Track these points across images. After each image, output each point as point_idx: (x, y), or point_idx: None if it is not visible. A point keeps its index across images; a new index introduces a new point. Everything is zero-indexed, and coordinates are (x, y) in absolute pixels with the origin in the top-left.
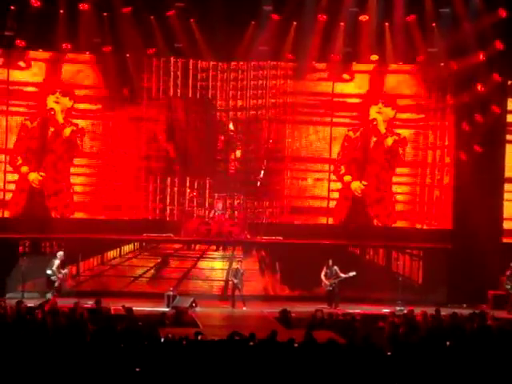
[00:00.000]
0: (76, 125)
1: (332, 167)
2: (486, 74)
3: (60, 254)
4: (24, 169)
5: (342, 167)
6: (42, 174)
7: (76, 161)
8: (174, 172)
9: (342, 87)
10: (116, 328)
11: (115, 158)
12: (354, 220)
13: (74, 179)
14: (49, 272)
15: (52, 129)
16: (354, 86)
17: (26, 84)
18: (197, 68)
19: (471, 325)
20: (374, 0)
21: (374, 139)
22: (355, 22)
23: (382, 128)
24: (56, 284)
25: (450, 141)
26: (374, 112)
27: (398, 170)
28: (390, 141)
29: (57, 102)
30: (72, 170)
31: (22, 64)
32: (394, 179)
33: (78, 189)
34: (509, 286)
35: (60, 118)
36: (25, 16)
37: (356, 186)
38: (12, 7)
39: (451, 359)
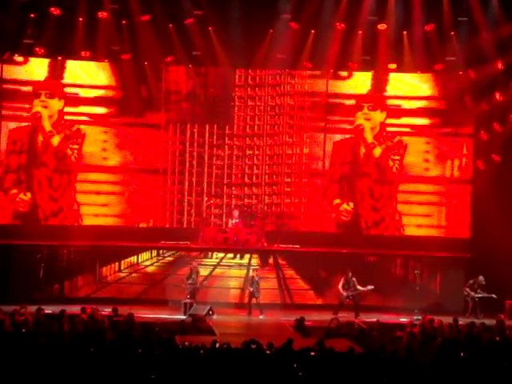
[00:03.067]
0: (69, 127)
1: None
2: (505, 82)
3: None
4: (13, 191)
5: (332, 188)
6: (29, 194)
7: (81, 176)
8: (194, 116)
9: (337, 86)
10: (133, 335)
11: (128, 170)
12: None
13: (81, 197)
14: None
15: (41, 138)
16: (352, 86)
17: (23, 82)
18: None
19: (489, 335)
20: (392, 9)
21: (363, 150)
22: (373, 31)
23: (369, 136)
24: (188, 291)
25: (468, 150)
26: (359, 117)
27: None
28: (378, 151)
29: (44, 106)
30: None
31: (18, 58)
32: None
33: (86, 209)
34: (466, 293)
35: (47, 124)
36: (44, 24)
37: (342, 209)
38: (32, 15)
39: (467, 370)
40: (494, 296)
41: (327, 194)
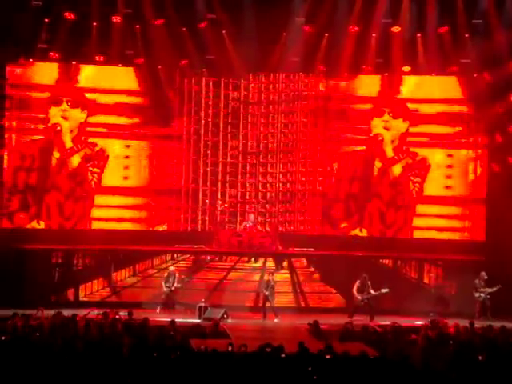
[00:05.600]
0: (92, 146)
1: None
2: None
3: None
4: (21, 216)
5: (337, 208)
6: (42, 223)
7: (98, 199)
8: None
9: (350, 89)
10: (148, 339)
11: (151, 190)
12: None
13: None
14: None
15: (57, 155)
16: (362, 87)
17: (31, 87)
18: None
19: (505, 338)
20: (406, 11)
21: (379, 165)
22: (387, 34)
23: (389, 149)
24: (162, 297)
25: (483, 152)
26: (378, 125)
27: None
28: (397, 169)
29: (64, 117)
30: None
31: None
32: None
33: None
34: (477, 295)
35: (68, 139)
36: (58, 28)
37: (354, 235)
38: (46, 20)
39: (484, 374)
40: (499, 286)
41: (331, 215)
